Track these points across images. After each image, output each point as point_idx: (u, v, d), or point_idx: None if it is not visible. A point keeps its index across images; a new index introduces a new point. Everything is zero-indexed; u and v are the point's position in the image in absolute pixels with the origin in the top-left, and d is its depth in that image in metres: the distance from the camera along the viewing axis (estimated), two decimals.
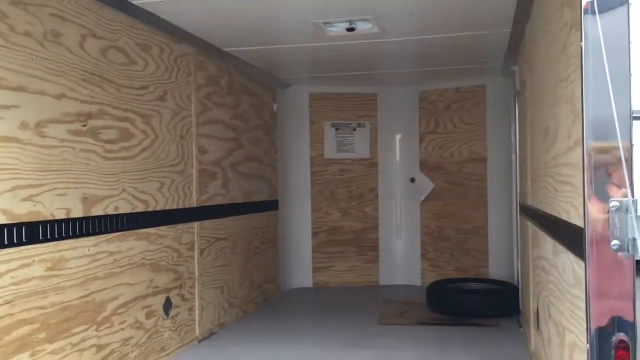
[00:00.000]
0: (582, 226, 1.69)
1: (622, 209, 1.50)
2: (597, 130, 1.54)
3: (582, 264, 2.01)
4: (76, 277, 3.33)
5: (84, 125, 3.43)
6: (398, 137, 7.32)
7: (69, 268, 3.28)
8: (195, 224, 4.74)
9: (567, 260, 2.40)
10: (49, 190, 3.14)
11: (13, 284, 2.89)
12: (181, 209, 4.53)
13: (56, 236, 3.17)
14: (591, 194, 1.55)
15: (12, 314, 2.88)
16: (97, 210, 3.52)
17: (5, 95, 2.86)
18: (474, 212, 6.88)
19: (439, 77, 6.80)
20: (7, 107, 2.87)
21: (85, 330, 3.40)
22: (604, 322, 1.54)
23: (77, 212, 3.35)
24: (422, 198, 7.16)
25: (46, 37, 3.12)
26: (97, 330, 3.50)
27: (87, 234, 3.43)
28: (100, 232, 3.55)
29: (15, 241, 2.89)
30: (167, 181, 4.33)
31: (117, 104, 3.74)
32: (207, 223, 4.93)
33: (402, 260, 7.31)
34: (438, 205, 7.11)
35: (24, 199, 2.96)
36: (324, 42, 4.86)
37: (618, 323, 1.52)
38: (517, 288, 5.70)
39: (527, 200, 4.26)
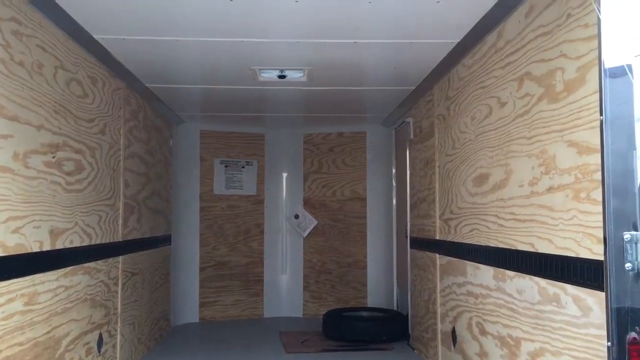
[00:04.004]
0: (592, 256, 2.27)
1: (633, 240, 2.10)
2: (615, 182, 2.14)
3: (564, 285, 2.60)
4: (43, 312, 3.24)
5: (54, 157, 3.38)
6: (284, 175, 7.74)
7: (39, 303, 3.19)
8: (120, 258, 4.70)
9: (529, 282, 2.99)
10: (30, 222, 3.06)
11: (3, 319, 2.78)
12: (111, 243, 4.48)
13: (32, 270, 3.09)
14: (611, 229, 2.13)
15: (0, 351, 2.76)
16: (59, 244, 3.45)
17: (4, 124, 2.80)
18: (354, 247, 7.49)
19: (323, 123, 7.39)
20: (5, 137, 2.81)
21: None
22: (622, 324, 2.10)
23: (47, 245, 3.28)
24: (306, 234, 7.62)
25: (33, 67, 3.10)
26: None
27: (52, 268, 3.35)
28: (60, 266, 3.48)
29: (6, 275, 2.80)
30: (103, 214, 4.30)
31: (74, 135, 3.71)
32: (127, 257, 4.90)
33: (285, 293, 7.65)
34: (321, 241, 7.62)
35: (13, 231, 2.88)
36: (254, 85, 5.17)
37: (632, 324, 2.09)
38: (402, 314, 6.36)
39: (435, 236, 4.90)
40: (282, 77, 4.86)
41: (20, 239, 2.95)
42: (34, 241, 3.12)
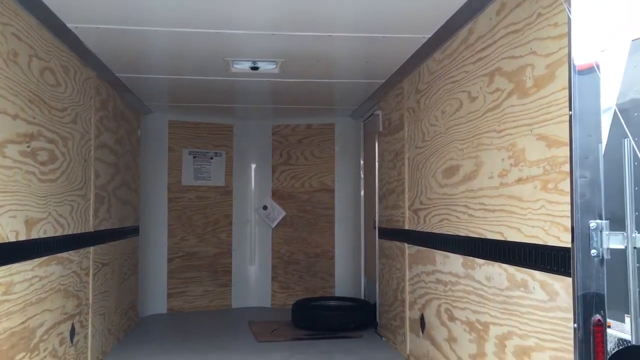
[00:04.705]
0: (560, 244, 2.40)
1: (598, 228, 2.24)
2: (583, 173, 2.27)
3: (532, 271, 2.74)
4: (19, 302, 3.23)
5: (28, 147, 3.36)
6: (253, 166, 7.77)
7: (15, 293, 3.18)
8: (91, 249, 4.68)
9: (497, 269, 3.12)
10: (6, 211, 3.05)
11: None
12: (83, 233, 4.46)
13: (9, 259, 3.08)
14: (578, 218, 2.27)
15: None
16: (34, 234, 3.44)
17: None
18: (322, 238, 7.58)
19: (292, 114, 7.44)
20: None
21: (23, 358, 3.29)
22: (588, 307, 2.24)
23: (22, 235, 3.26)
24: (274, 225, 7.68)
25: (9, 56, 3.07)
26: (30, 358, 3.39)
27: (28, 258, 3.34)
28: (35, 256, 3.46)
29: None
30: (75, 205, 4.28)
31: (48, 125, 3.69)
32: (98, 248, 4.88)
33: (254, 283, 7.71)
34: (289, 231, 7.69)
35: None
36: (225, 76, 5.19)
37: (596, 307, 2.23)
38: (369, 303, 6.49)
39: (404, 226, 5.03)
40: (254, 68, 4.90)
41: None
42: (10, 231, 3.10)
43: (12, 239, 3.13)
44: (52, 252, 3.75)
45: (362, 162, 7.13)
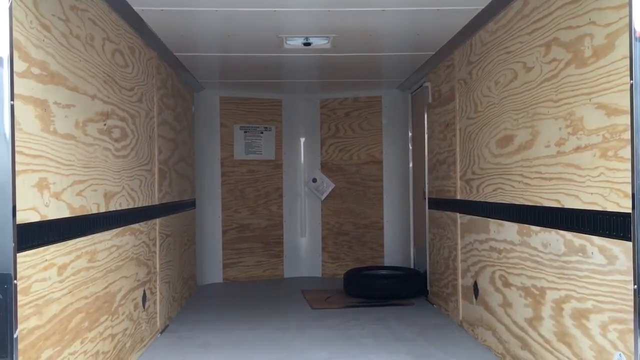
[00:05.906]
0: (619, 209, 2.49)
1: None
2: None
3: (591, 236, 2.83)
4: (101, 269, 3.49)
5: (105, 125, 3.58)
6: (302, 140, 7.94)
7: (98, 260, 3.44)
8: (157, 221, 4.94)
9: (554, 236, 3.22)
10: (89, 186, 3.29)
11: (73, 274, 3.03)
12: (150, 206, 4.72)
13: (93, 229, 3.33)
14: (639, 184, 2.36)
15: (72, 303, 3.02)
16: (111, 206, 3.69)
17: (68, 95, 3.00)
18: (371, 209, 7.73)
19: (339, 88, 7.55)
20: (69, 107, 3.01)
21: (106, 320, 3.56)
22: None
23: (102, 207, 3.51)
24: (324, 197, 7.86)
25: (87, 40, 3.28)
26: (111, 320, 3.67)
27: (107, 228, 3.59)
28: (113, 227, 3.71)
29: (74, 233, 3.03)
30: (143, 179, 4.52)
31: (119, 104, 3.91)
32: (162, 220, 5.14)
33: (304, 254, 7.94)
34: (338, 203, 7.86)
35: (77, 194, 3.11)
36: (278, 53, 5.34)
37: None
38: (419, 272, 6.63)
39: (456, 196, 5.13)
40: (307, 44, 5.03)
41: (82, 201, 3.18)
42: (93, 203, 3.35)
43: (94, 210, 3.37)
44: (126, 224, 4.00)
45: (410, 133, 7.21)
